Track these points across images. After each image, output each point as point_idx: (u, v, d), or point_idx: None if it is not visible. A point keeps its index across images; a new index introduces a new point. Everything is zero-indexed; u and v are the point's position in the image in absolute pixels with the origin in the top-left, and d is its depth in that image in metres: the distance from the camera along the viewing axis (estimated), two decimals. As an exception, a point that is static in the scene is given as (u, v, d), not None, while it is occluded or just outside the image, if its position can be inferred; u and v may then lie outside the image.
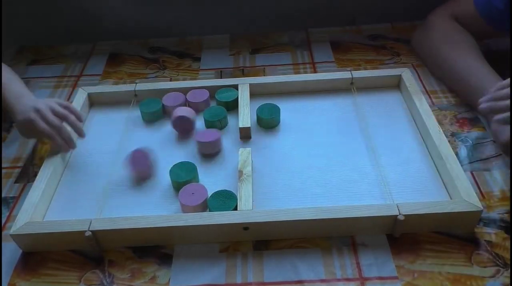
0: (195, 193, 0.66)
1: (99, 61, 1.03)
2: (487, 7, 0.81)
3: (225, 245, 0.63)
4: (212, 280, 0.59)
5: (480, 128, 0.78)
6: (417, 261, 0.60)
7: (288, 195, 0.68)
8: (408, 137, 0.76)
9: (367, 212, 0.60)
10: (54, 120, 0.71)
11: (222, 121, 0.80)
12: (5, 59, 1.05)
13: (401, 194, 0.66)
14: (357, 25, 1.09)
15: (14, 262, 0.63)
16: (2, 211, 0.70)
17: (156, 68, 1.00)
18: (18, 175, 0.76)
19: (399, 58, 0.97)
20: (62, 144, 0.72)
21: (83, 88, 0.87)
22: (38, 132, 0.70)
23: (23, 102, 0.72)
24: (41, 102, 0.72)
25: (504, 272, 0.58)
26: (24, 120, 0.71)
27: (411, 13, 1.05)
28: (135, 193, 0.70)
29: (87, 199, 0.69)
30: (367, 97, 0.84)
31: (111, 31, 1.09)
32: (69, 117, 0.73)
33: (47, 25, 1.10)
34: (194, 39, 1.09)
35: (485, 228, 0.63)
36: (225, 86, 0.85)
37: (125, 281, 0.60)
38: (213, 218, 0.61)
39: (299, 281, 0.58)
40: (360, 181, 0.69)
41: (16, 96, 0.73)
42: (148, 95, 0.85)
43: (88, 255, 0.63)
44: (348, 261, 0.60)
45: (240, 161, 0.69)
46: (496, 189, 0.68)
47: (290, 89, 0.86)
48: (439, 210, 0.60)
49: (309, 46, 1.03)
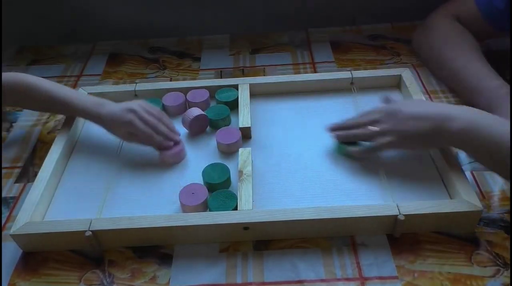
0: (195, 193, 0.66)
1: (99, 61, 1.03)
2: (488, 7, 0.81)
3: (225, 245, 0.63)
4: (212, 280, 0.59)
5: (480, 128, 0.78)
6: (417, 261, 0.60)
7: (288, 194, 0.68)
8: (408, 137, 0.76)
9: (367, 212, 0.60)
10: (151, 119, 0.72)
11: (226, 120, 0.80)
12: (5, 60, 1.05)
13: (401, 194, 0.66)
14: (357, 25, 1.09)
15: (14, 262, 0.63)
16: (2, 211, 0.70)
17: (156, 68, 1.00)
18: (18, 175, 0.76)
19: (399, 58, 0.97)
20: (161, 141, 0.72)
21: (83, 88, 0.87)
22: (135, 132, 0.71)
23: (110, 107, 0.72)
24: (133, 103, 0.72)
25: (504, 272, 0.58)
26: (122, 123, 0.71)
27: (411, 13, 1.05)
28: (135, 193, 0.70)
29: (87, 199, 0.69)
30: (367, 97, 0.83)
31: (111, 31, 1.09)
32: (164, 118, 0.74)
33: (47, 25, 1.10)
34: (194, 39, 1.09)
35: (485, 228, 0.63)
36: (225, 86, 0.85)
37: (125, 281, 0.60)
38: (213, 218, 0.61)
39: (299, 281, 0.58)
40: (360, 180, 0.69)
41: (97, 104, 0.73)
42: (148, 95, 0.85)
43: (88, 255, 0.63)
44: (348, 261, 0.60)
45: (240, 161, 0.69)
46: (496, 189, 0.68)
47: (290, 89, 0.86)
48: (439, 210, 0.60)
49: (309, 46, 1.03)
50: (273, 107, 0.83)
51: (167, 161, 0.73)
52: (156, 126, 0.72)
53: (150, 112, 0.73)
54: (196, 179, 0.70)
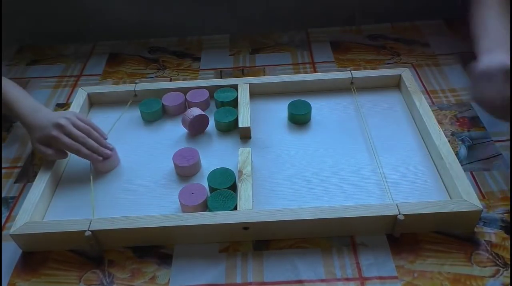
0: (195, 193, 0.66)
1: (99, 61, 1.03)
2: None
3: (225, 245, 0.63)
4: (212, 280, 0.59)
5: (480, 128, 0.78)
6: (417, 261, 0.60)
7: (288, 194, 0.68)
8: (408, 137, 0.76)
9: (367, 212, 0.60)
10: (79, 134, 0.70)
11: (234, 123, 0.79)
12: (5, 59, 1.05)
13: (401, 193, 0.66)
14: (357, 25, 1.09)
15: (14, 262, 0.63)
16: (2, 211, 0.70)
17: (156, 68, 1.00)
18: (18, 175, 0.76)
19: (399, 58, 0.97)
20: (89, 154, 0.70)
21: (83, 88, 0.87)
22: (61, 147, 0.69)
23: (40, 117, 0.70)
24: (61, 117, 0.70)
25: (504, 272, 0.58)
26: (45, 137, 0.69)
27: (411, 13, 1.05)
28: (135, 193, 0.70)
29: (87, 199, 0.69)
30: (367, 97, 0.84)
31: (111, 31, 1.09)
32: (92, 132, 0.72)
33: (47, 25, 1.10)
34: (194, 39, 1.09)
35: (485, 228, 0.63)
36: (225, 86, 0.85)
37: (125, 281, 0.60)
38: (213, 218, 0.61)
39: (299, 281, 0.58)
40: (360, 180, 0.69)
41: (32, 111, 0.71)
42: (148, 95, 0.85)
43: (88, 255, 0.63)
44: (348, 261, 0.60)
45: (240, 161, 0.69)
46: (496, 189, 0.68)
47: (290, 89, 0.86)
48: (439, 210, 0.60)
49: (309, 46, 1.03)
50: (273, 107, 0.84)
51: (99, 170, 0.73)
52: (84, 141, 0.70)
53: (78, 126, 0.70)
54: (195, 179, 0.70)
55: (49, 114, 0.71)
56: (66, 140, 0.69)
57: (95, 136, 0.72)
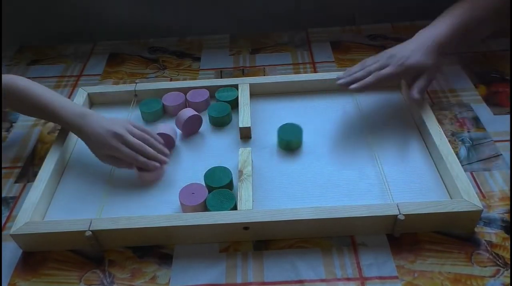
0: (195, 193, 0.66)
1: (99, 61, 1.03)
2: None
3: (225, 245, 0.63)
4: (212, 280, 0.59)
5: (480, 128, 0.78)
6: (417, 260, 0.60)
7: (288, 194, 0.68)
8: (408, 137, 0.76)
9: (367, 212, 0.60)
10: (136, 142, 0.68)
11: (227, 118, 0.80)
12: (5, 59, 1.05)
13: (401, 193, 0.66)
14: (357, 25, 1.09)
15: (14, 262, 0.63)
16: (2, 211, 0.70)
17: (156, 68, 1.00)
18: (18, 175, 0.76)
19: (399, 58, 0.97)
20: (147, 162, 0.68)
21: (83, 88, 0.87)
22: (119, 156, 0.68)
23: (91, 123, 0.69)
24: (116, 125, 0.69)
25: (504, 272, 0.58)
26: (106, 149, 0.68)
27: (411, 13, 1.05)
28: (135, 193, 0.70)
29: (87, 199, 0.69)
30: (367, 97, 0.83)
31: (111, 31, 1.09)
32: (150, 140, 0.70)
33: (47, 25, 1.10)
34: (194, 39, 1.09)
35: (485, 228, 0.63)
36: (225, 86, 0.85)
37: (125, 281, 0.60)
38: (213, 218, 0.61)
39: (299, 281, 0.58)
40: (360, 180, 0.69)
41: (80, 116, 0.70)
42: (148, 95, 0.85)
43: (88, 255, 0.63)
44: (348, 260, 0.60)
45: (240, 161, 0.69)
46: (496, 189, 0.68)
47: (290, 89, 0.86)
48: (439, 210, 0.60)
49: (309, 46, 1.03)
50: (273, 107, 0.84)
51: (143, 180, 0.71)
52: (142, 149, 0.69)
53: (135, 134, 0.70)
54: (195, 179, 0.70)
55: (101, 121, 0.69)
56: (126, 150, 0.67)
57: (151, 143, 0.71)
